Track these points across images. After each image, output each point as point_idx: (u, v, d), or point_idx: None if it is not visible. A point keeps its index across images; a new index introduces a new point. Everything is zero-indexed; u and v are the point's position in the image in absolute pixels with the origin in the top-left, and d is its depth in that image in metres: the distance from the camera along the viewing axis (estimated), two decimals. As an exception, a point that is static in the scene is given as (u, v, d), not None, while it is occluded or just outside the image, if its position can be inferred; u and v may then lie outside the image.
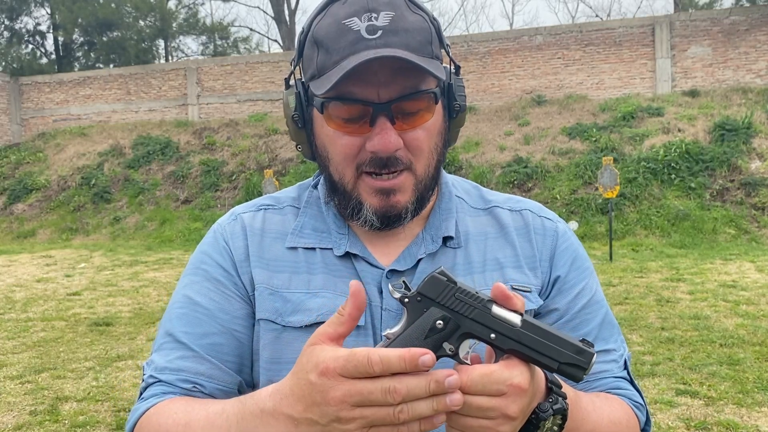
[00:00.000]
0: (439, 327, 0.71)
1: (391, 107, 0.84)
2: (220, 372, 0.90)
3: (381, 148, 0.84)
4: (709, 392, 4.57)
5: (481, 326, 0.72)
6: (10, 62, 27.53)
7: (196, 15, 30.52)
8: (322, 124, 0.89)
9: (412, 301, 0.73)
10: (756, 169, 12.92)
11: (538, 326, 0.72)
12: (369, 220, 0.89)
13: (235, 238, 0.96)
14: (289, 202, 1.01)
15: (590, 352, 0.72)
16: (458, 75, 0.93)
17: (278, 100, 18.56)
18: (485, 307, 0.72)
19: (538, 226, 0.99)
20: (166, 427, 0.82)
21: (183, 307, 0.93)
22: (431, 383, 0.64)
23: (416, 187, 0.89)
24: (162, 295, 8.88)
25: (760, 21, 15.33)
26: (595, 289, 0.98)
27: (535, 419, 0.75)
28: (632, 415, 0.92)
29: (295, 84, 0.92)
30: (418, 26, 0.85)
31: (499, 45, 16.95)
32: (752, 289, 7.78)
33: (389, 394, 0.63)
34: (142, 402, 0.88)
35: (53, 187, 17.52)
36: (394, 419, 0.64)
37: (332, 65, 0.83)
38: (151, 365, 0.91)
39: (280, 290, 0.91)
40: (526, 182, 14.00)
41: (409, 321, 0.73)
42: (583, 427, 0.83)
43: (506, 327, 0.72)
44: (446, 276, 0.73)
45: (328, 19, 0.86)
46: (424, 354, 0.64)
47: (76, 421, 4.41)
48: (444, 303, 0.72)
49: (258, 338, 0.92)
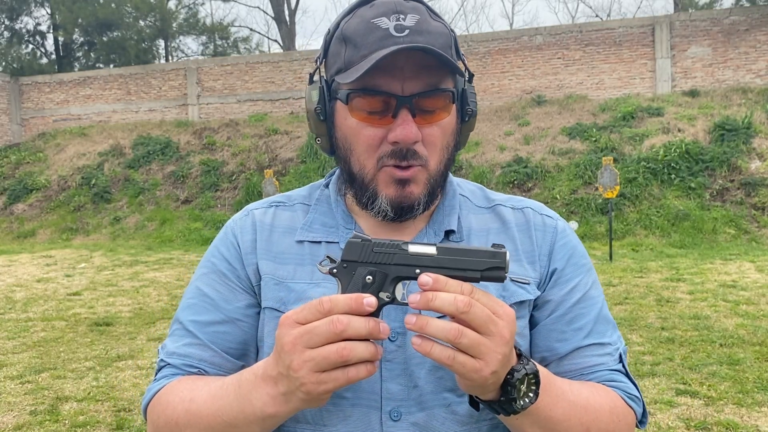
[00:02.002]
0: (369, 281, 0.78)
1: (414, 101, 0.89)
2: (222, 359, 0.96)
3: (403, 138, 0.88)
4: (709, 392, 4.57)
5: (405, 267, 0.78)
6: (10, 62, 27.54)
7: (196, 15, 30.53)
8: (346, 116, 0.93)
9: (339, 269, 0.80)
10: (756, 169, 12.93)
11: (452, 248, 0.78)
12: (383, 210, 0.93)
13: (245, 232, 1.02)
14: (299, 200, 1.06)
15: (502, 252, 0.78)
16: (471, 83, 0.99)
17: (278, 100, 18.56)
18: (402, 249, 0.78)
19: (538, 223, 1.03)
20: (173, 404, 0.90)
21: (193, 298, 1.00)
22: (370, 321, 0.73)
23: (428, 181, 0.93)
24: (162, 295, 8.88)
25: (760, 21, 15.33)
26: (590, 285, 1.00)
27: (511, 378, 0.78)
28: (621, 405, 0.93)
29: (320, 79, 0.97)
30: (441, 31, 0.91)
31: (499, 45, 16.96)
32: (752, 289, 7.78)
33: (332, 323, 0.72)
34: (155, 383, 0.96)
35: (53, 187, 17.53)
36: (338, 356, 0.72)
37: (360, 59, 0.88)
38: (164, 349, 0.99)
39: (285, 281, 0.96)
40: (526, 182, 14.00)
41: (344, 287, 0.79)
42: (558, 405, 0.85)
43: (425, 259, 0.78)
44: (360, 237, 0.80)
45: (357, 19, 0.91)
46: (367, 296, 0.74)
47: (76, 421, 4.41)
48: (367, 260, 0.79)
49: (263, 325, 0.96)
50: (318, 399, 0.76)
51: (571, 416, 0.86)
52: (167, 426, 0.91)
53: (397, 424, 0.89)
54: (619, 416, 0.92)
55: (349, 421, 0.90)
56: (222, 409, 0.85)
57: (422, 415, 0.90)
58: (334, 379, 0.73)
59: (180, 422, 0.89)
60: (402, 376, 0.91)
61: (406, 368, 0.91)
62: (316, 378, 0.73)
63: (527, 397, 0.80)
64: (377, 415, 0.90)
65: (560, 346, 0.96)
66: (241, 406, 0.83)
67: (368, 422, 0.90)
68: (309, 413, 0.91)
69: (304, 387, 0.74)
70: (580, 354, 0.96)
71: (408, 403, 0.90)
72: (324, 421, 0.91)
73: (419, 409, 0.90)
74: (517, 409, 0.80)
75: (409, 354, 0.91)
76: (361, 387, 0.90)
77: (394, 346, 0.91)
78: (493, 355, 0.73)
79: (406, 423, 0.90)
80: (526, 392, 0.80)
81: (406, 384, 0.90)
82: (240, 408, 0.83)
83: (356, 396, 0.90)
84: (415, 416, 0.90)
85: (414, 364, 0.90)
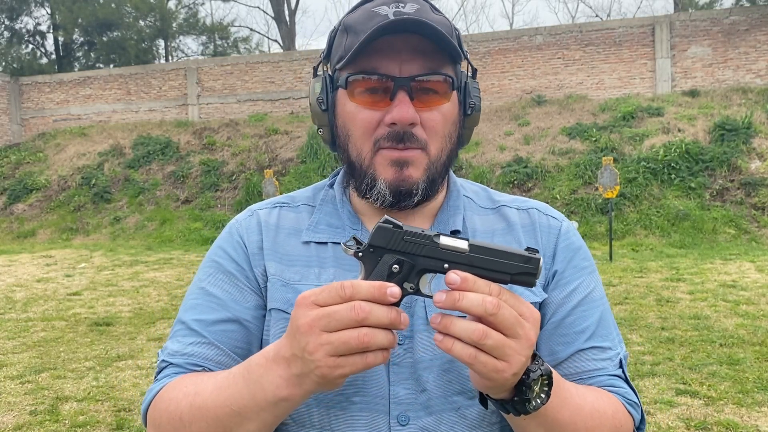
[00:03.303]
0: (396, 270, 0.75)
1: (411, 83, 0.89)
2: (228, 358, 0.93)
3: (399, 118, 0.89)
4: (709, 392, 4.57)
5: (434, 260, 0.75)
6: (10, 62, 27.54)
7: (196, 15, 30.54)
8: (345, 102, 0.94)
9: (365, 253, 0.76)
10: (756, 169, 12.93)
11: (484, 246, 0.75)
12: (382, 194, 0.93)
13: (251, 232, 1.00)
14: (303, 200, 1.05)
15: (536, 258, 0.75)
16: (474, 78, 0.99)
17: (278, 100, 18.57)
18: (433, 241, 0.75)
19: (543, 223, 1.02)
20: (176, 399, 0.87)
21: (197, 298, 0.98)
22: (392, 311, 0.71)
23: (428, 167, 0.93)
24: (162, 295, 8.88)
25: (760, 21, 15.33)
26: (592, 288, 0.99)
27: (526, 379, 0.77)
28: (622, 411, 0.92)
29: (323, 72, 0.99)
30: (442, 21, 0.92)
31: (499, 45, 16.96)
32: (752, 289, 7.78)
33: (354, 310, 0.69)
34: (156, 384, 0.93)
35: (53, 187, 17.53)
36: (358, 342, 0.69)
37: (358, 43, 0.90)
38: (165, 351, 0.96)
39: (292, 282, 0.95)
40: (526, 182, 14.00)
41: (367, 272, 0.76)
42: (565, 408, 0.84)
43: (456, 254, 0.75)
44: (392, 223, 0.76)
45: (359, 11, 0.94)
46: (391, 286, 0.71)
47: (76, 421, 4.41)
48: (395, 248, 0.75)
49: (268, 327, 0.95)
50: (333, 383, 0.74)
51: (577, 420, 0.85)
52: (170, 423, 0.87)
53: (405, 429, 0.88)
54: (621, 422, 0.91)
55: (357, 425, 0.89)
56: (230, 398, 0.81)
57: (431, 419, 0.89)
58: (352, 363, 0.71)
59: (184, 417, 0.85)
60: (410, 380, 0.89)
61: (414, 372, 0.90)
62: (333, 362, 0.71)
63: (539, 398, 0.78)
64: (385, 419, 0.89)
65: (561, 349, 0.95)
66: (251, 392, 0.79)
67: (376, 427, 0.88)
68: (316, 417, 0.90)
69: (319, 370, 0.72)
70: (580, 357, 0.95)
71: (416, 407, 0.89)
72: (331, 426, 0.90)
73: (427, 413, 0.89)
74: (529, 410, 0.78)
75: (417, 358, 0.90)
76: (369, 391, 0.89)
77: (401, 349, 0.90)
78: (517, 357, 0.72)
79: (414, 427, 0.89)
80: (539, 393, 0.78)
81: (413, 388, 0.89)
82: (251, 394, 0.79)
83: (364, 400, 0.89)
84: (423, 420, 0.89)
85: (422, 368, 0.90)
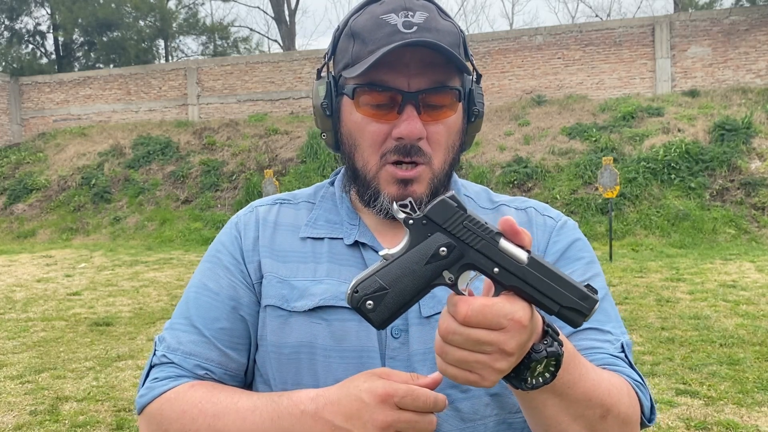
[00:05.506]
0: (443, 254, 0.69)
1: (419, 97, 0.89)
2: (228, 360, 0.94)
3: (407, 133, 0.89)
4: (709, 392, 4.57)
5: (486, 259, 0.69)
6: (10, 62, 27.53)
7: (196, 15, 30.51)
8: (351, 111, 0.93)
9: (417, 223, 0.70)
10: (756, 169, 12.93)
11: (544, 266, 0.69)
12: (385, 208, 0.93)
13: (248, 228, 1.01)
14: (304, 198, 1.06)
15: (594, 298, 0.70)
16: (479, 83, 0.99)
17: (278, 100, 18.56)
18: (493, 239, 0.69)
19: (540, 222, 1.03)
20: (191, 415, 0.86)
21: (197, 292, 0.98)
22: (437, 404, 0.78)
23: (431, 181, 0.93)
24: (162, 295, 8.88)
25: (760, 21, 15.33)
26: (588, 278, 0.98)
27: (527, 360, 0.73)
28: (631, 389, 0.90)
29: (327, 74, 0.97)
30: (449, 29, 0.92)
31: (499, 45, 16.96)
32: (752, 289, 7.78)
33: (432, 425, 0.77)
34: (156, 382, 0.91)
35: (53, 187, 17.52)
36: None
37: (367, 54, 0.89)
38: (164, 342, 0.95)
39: (287, 279, 0.95)
40: (526, 182, 14.00)
41: (411, 244, 0.70)
42: (582, 382, 0.81)
43: (512, 263, 0.69)
44: (456, 202, 0.70)
45: (366, 15, 0.92)
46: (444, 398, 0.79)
47: (76, 421, 4.41)
48: (450, 230, 0.69)
49: (263, 324, 0.95)
50: None
51: (593, 396, 0.83)
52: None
53: None
54: (633, 401, 0.89)
55: None
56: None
57: None
58: None
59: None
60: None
61: (409, 365, 0.90)
62: None
63: (542, 377, 0.75)
64: None
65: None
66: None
67: None
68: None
69: None
70: (577, 337, 0.92)
71: None
72: None
73: None
74: (525, 388, 0.76)
75: (412, 351, 0.90)
76: None
77: (397, 343, 0.90)
78: (487, 371, 0.70)
79: None
80: (542, 372, 0.75)
81: None
82: None
83: None
84: None
85: (416, 361, 0.90)
